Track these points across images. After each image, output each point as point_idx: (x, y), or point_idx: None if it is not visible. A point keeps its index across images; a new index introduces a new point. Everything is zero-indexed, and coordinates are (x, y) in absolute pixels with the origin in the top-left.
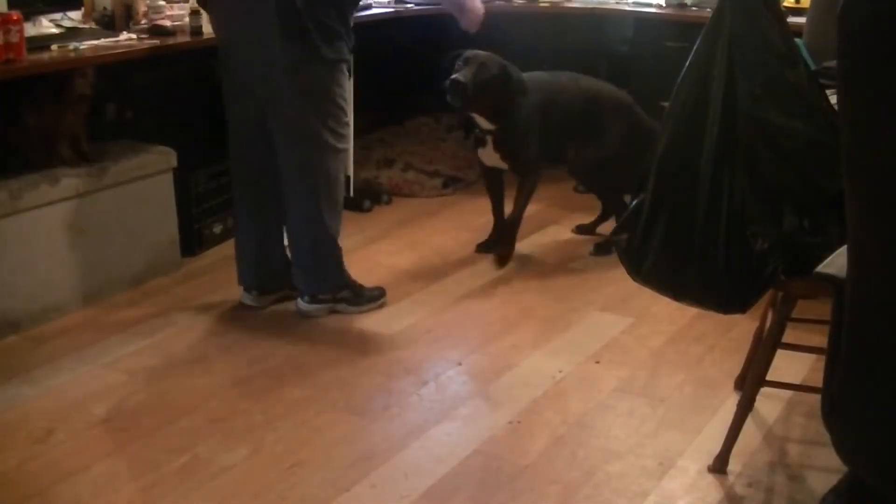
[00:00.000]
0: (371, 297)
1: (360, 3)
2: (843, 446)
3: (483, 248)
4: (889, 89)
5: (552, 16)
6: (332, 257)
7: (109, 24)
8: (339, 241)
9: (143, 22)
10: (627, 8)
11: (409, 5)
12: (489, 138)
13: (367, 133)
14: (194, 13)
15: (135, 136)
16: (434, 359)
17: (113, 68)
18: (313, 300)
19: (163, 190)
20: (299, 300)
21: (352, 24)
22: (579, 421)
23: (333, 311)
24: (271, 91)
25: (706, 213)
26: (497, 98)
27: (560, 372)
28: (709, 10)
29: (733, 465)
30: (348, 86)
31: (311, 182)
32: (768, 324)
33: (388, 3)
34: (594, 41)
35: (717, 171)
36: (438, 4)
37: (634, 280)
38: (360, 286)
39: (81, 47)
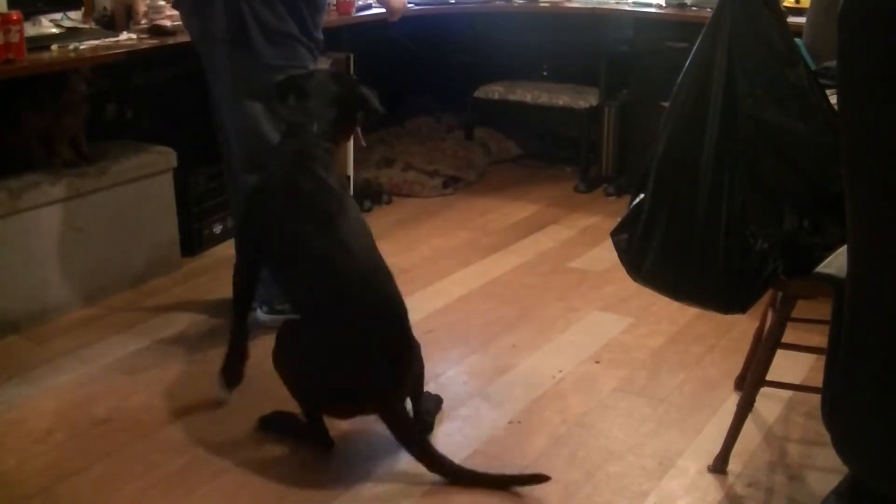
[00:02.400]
0: None
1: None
2: (843, 446)
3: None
4: (889, 88)
5: (552, 16)
6: None
7: (109, 24)
8: None
9: (143, 22)
10: (627, 8)
11: (409, 5)
12: None
13: (367, 133)
14: None
15: (135, 136)
16: (434, 359)
17: (113, 68)
18: (272, 310)
19: (163, 190)
20: (258, 310)
21: (318, 31)
22: (579, 421)
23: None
24: (218, 92)
25: (706, 212)
26: None
27: (560, 372)
28: (709, 10)
29: (733, 465)
30: None
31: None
32: (768, 324)
33: None
34: (594, 41)
35: (717, 171)
36: None
37: (634, 280)
38: None
39: (81, 47)
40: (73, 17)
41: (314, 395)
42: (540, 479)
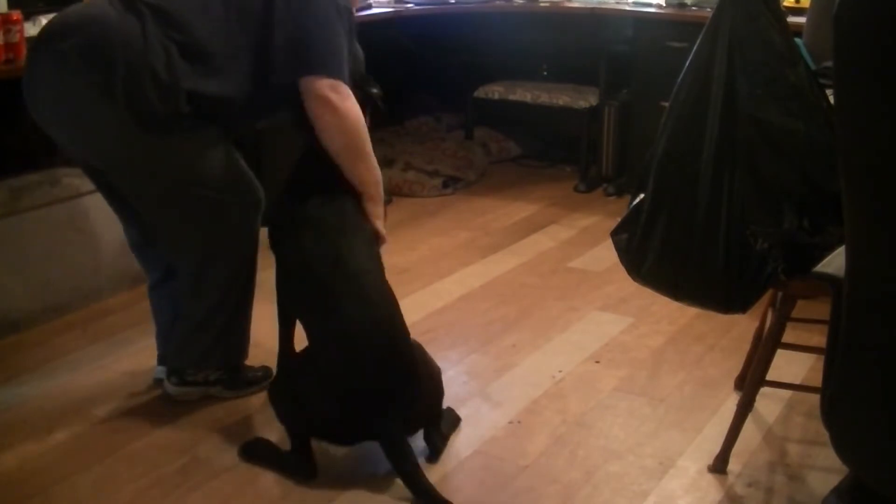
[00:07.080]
0: (251, 381)
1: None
2: (842, 446)
3: None
4: (885, 87)
5: (552, 16)
6: (206, 331)
7: None
8: (215, 314)
9: None
10: (627, 8)
11: (409, 5)
12: None
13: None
14: None
15: None
16: (434, 359)
17: None
18: (182, 382)
19: None
20: (165, 380)
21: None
22: (579, 421)
23: (207, 395)
24: (111, 165)
25: (706, 213)
26: None
27: (560, 372)
28: (709, 10)
29: (733, 465)
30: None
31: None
32: (768, 324)
33: (388, 2)
34: (594, 41)
35: (717, 171)
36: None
37: (634, 280)
38: (241, 367)
39: None
40: None
41: (310, 423)
42: None
